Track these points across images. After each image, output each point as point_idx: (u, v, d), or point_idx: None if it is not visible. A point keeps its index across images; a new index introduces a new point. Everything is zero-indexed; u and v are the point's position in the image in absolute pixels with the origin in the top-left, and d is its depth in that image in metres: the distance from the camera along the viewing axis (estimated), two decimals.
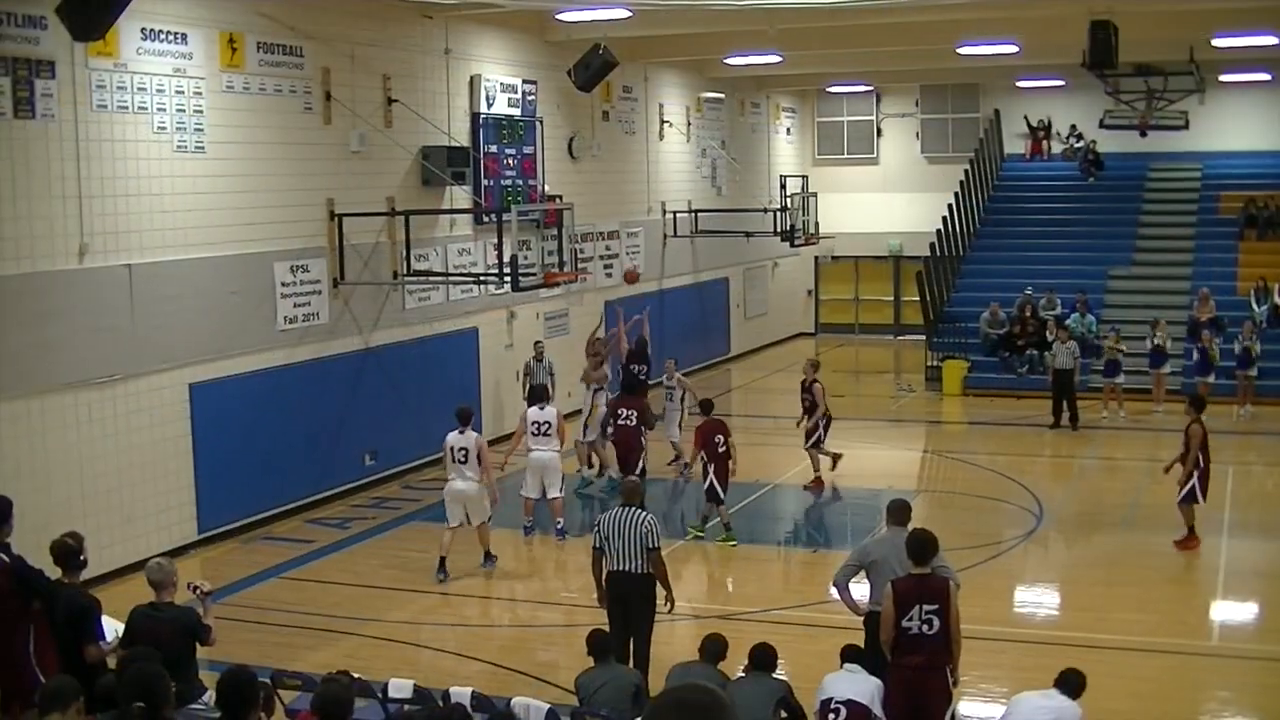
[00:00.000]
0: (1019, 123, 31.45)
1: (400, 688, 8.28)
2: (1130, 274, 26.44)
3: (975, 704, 9.98)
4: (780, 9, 17.67)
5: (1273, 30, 20.23)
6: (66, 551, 8.25)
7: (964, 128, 32.01)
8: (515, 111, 20.04)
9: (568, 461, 16.34)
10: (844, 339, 32.68)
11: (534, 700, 8.25)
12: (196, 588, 8.37)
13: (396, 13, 17.39)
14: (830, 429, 17.36)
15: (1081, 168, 29.96)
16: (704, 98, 27.42)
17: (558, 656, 11.30)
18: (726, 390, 25.03)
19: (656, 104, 25.33)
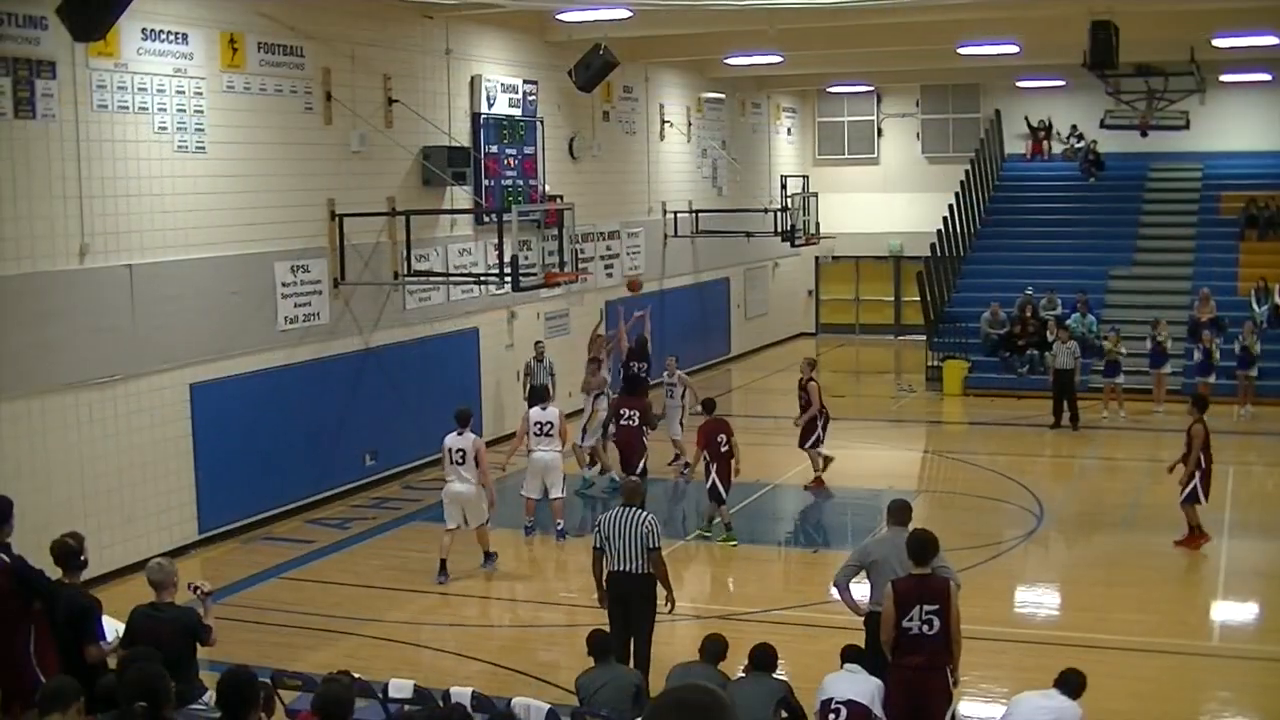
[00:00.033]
0: (1020, 123, 31.44)
1: (400, 688, 8.28)
2: (1131, 274, 26.44)
3: (975, 704, 9.98)
4: (781, 9, 17.66)
5: (1273, 30, 20.22)
6: (67, 551, 8.25)
7: (964, 128, 32.01)
8: (516, 112, 20.04)
9: (568, 462, 16.33)
10: (844, 339, 32.68)
11: (534, 700, 8.25)
12: (197, 588, 8.38)
13: (397, 13, 17.40)
14: (829, 428, 17.36)
15: (1082, 168, 29.95)
16: (704, 98, 27.41)
17: (558, 657, 11.30)
18: (727, 390, 25.02)
19: (657, 104, 25.33)
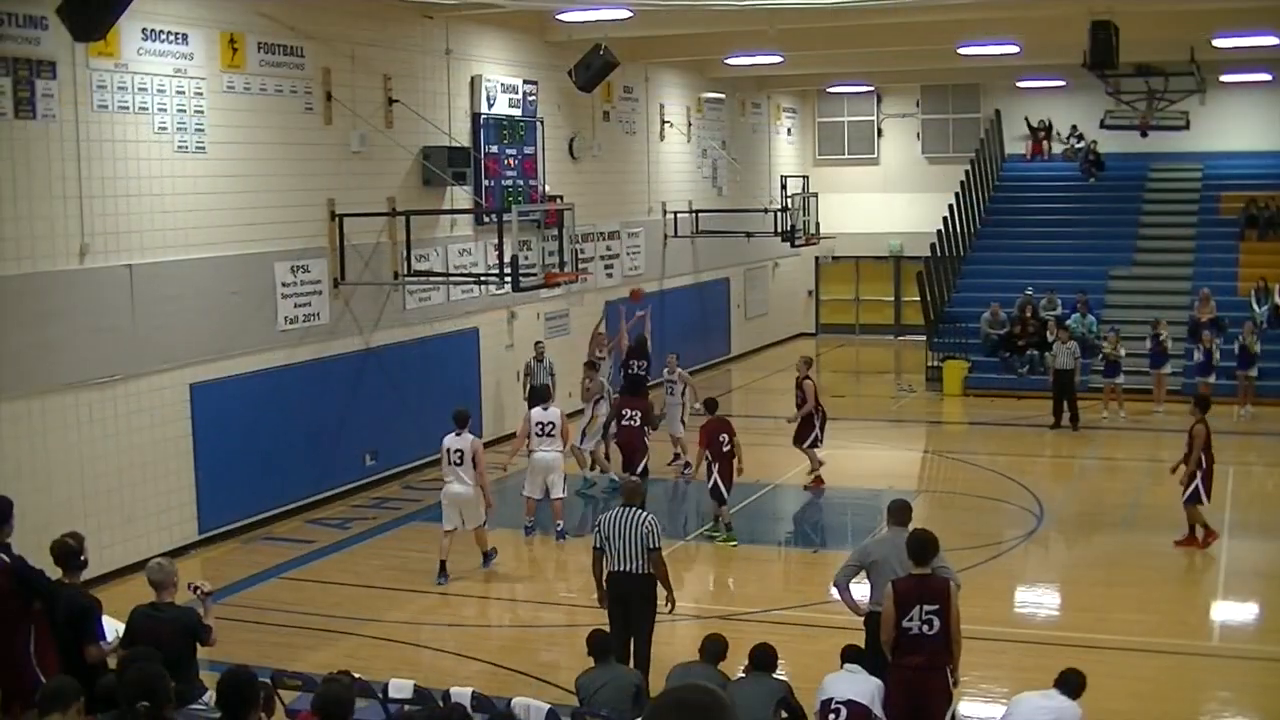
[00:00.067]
0: (1020, 124, 31.43)
1: (400, 688, 8.28)
2: (1131, 274, 26.44)
3: (975, 704, 9.98)
4: (781, 9, 17.66)
5: (1273, 30, 20.22)
6: (67, 552, 8.25)
7: (965, 128, 32.01)
8: (516, 112, 20.04)
9: (569, 462, 16.33)
10: (844, 339, 32.68)
11: (534, 700, 8.25)
12: (197, 588, 8.38)
13: (397, 13, 17.40)
14: (827, 428, 17.35)
15: (1082, 168, 29.95)
16: (705, 98, 27.41)
17: (558, 657, 11.30)
18: (727, 390, 25.01)
19: (657, 104, 25.33)
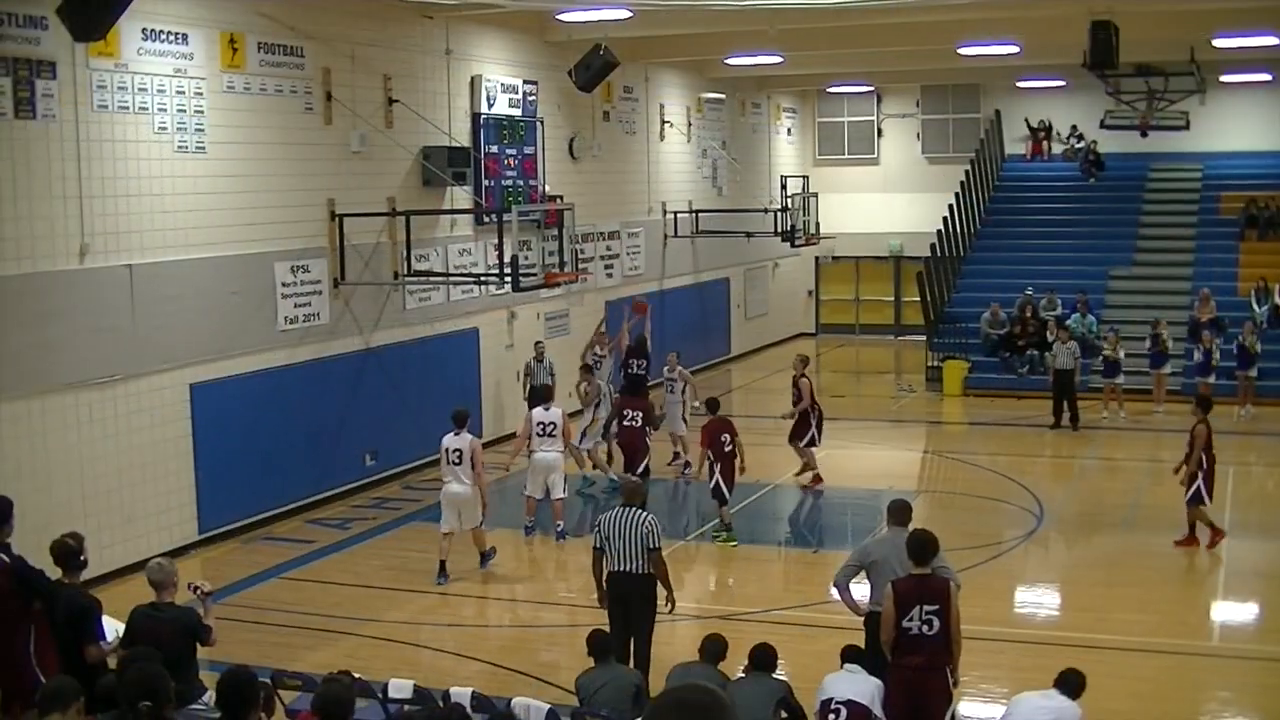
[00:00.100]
0: (1020, 125, 31.42)
1: (400, 688, 8.28)
2: (1131, 274, 26.43)
3: (975, 704, 9.98)
4: (781, 9, 17.66)
5: (1273, 30, 20.22)
6: (67, 552, 8.25)
7: (965, 128, 32.00)
8: (516, 112, 20.04)
9: (568, 462, 16.33)
10: (844, 339, 32.68)
11: (534, 700, 8.25)
12: (197, 588, 8.38)
13: (397, 13, 17.39)
14: (824, 427, 17.34)
15: (1082, 168, 29.95)
16: (705, 98, 27.41)
17: (558, 657, 11.30)
18: (727, 390, 25.00)
19: (657, 104, 25.33)
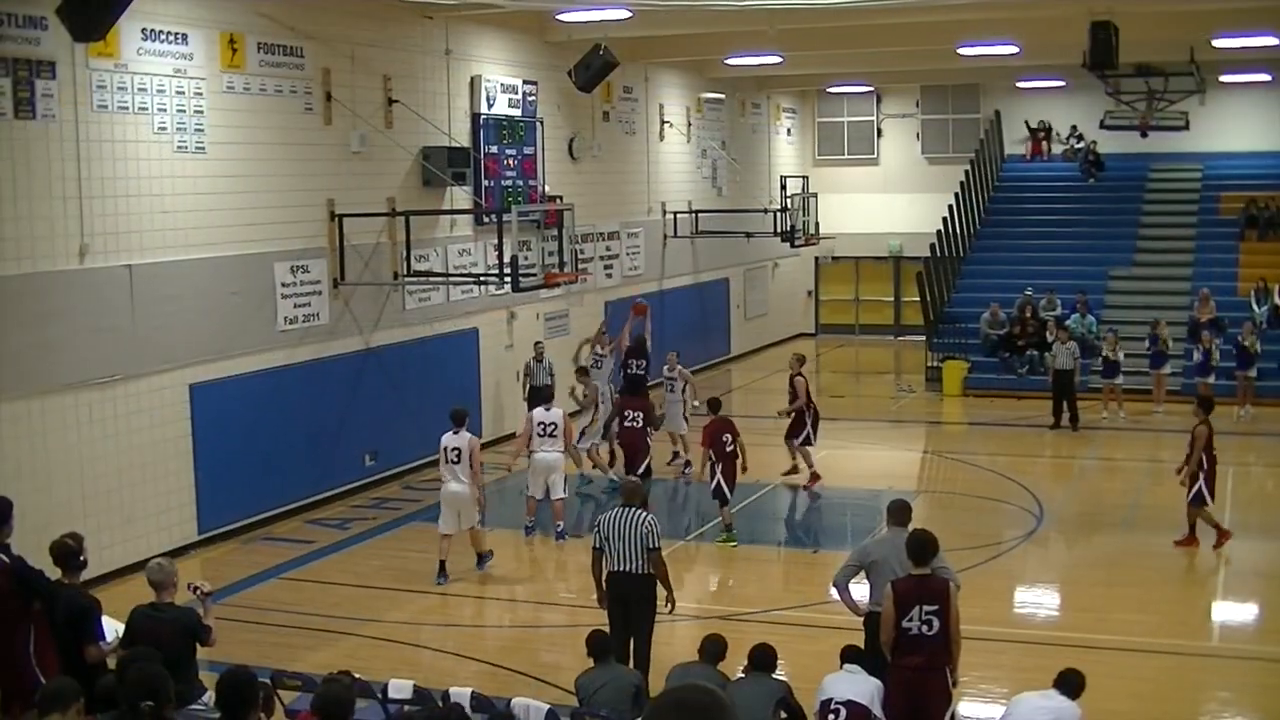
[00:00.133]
0: (1020, 126, 31.41)
1: (400, 688, 8.28)
2: (1131, 274, 26.43)
3: (975, 704, 9.97)
4: (781, 9, 17.66)
5: (1273, 30, 20.22)
6: (66, 552, 8.25)
7: (964, 128, 32.01)
8: (516, 112, 20.04)
9: (568, 462, 16.32)
10: (844, 339, 32.68)
11: (534, 701, 8.25)
12: (197, 588, 8.37)
13: (397, 13, 17.39)
14: (819, 427, 17.33)
15: (1082, 168, 29.95)
16: (704, 98, 27.41)
17: (558, 657, 11.29)
18: (727, 391, 24.97)
19: (657, 104, 25.33)
